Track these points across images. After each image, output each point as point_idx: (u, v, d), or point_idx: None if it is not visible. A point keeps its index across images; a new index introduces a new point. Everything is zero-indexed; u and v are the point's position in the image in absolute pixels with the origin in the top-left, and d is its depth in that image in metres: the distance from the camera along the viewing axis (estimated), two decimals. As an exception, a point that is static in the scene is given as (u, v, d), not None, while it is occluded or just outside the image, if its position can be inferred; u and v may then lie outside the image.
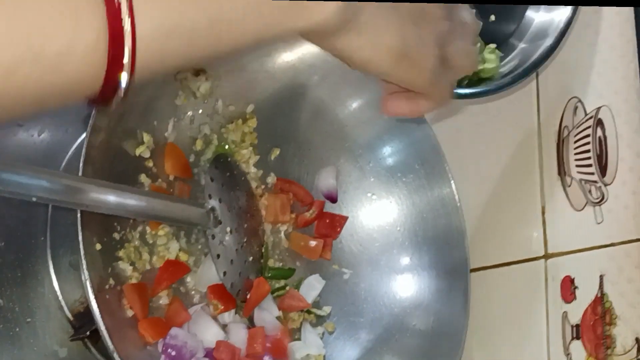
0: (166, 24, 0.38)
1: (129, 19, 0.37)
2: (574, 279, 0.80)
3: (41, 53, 0.35)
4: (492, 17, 0.85)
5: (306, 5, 0.44)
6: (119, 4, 0.36)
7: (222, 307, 0.74)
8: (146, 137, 0.73)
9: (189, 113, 0.78)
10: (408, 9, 0.51)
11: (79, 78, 0.37)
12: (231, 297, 0.74)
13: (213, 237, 0.72)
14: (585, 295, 0.79)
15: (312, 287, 0.82)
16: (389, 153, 0.85)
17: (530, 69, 0.81)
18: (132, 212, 0.63)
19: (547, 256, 0.83)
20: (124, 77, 0.38)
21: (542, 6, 0.83)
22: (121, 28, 0.37)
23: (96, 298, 0.62)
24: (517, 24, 0.86)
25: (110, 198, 0.60)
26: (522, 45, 0.85)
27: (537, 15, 0.85)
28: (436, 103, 0.57)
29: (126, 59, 0.37)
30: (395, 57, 0.50)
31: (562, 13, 0.82)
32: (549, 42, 0.82)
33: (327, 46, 0.48)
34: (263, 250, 0.80)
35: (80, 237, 0.59)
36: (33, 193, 0.54)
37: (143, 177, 0.73)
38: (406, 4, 0.50)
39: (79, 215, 0.60)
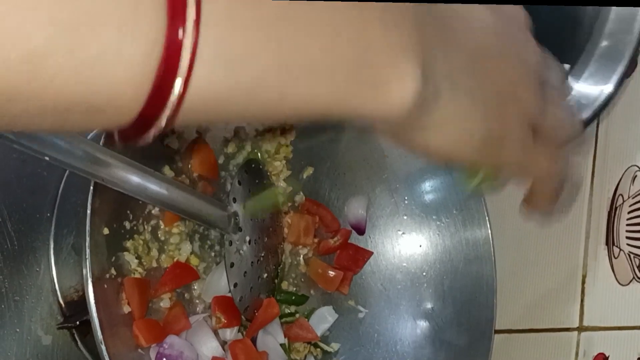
0: (234, 54, 0.30)
1: (193, 34, 0.28)
2: (608, 357, 0.74)
3: (82, 44, 0.27)
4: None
5: (385, 80, 0.35)
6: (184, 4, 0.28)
7: (225, 321, 0.68)
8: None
9: (226, 112, 0.73)
10: (497, 88, 0.43)
11: (116, 92, 0.28)
12: (237, 313, 0.69)
13: (230, 243, 0.66)
14: (619, 376, 0.73)
15: (323, 320, 0.77)
16: (427, 191, 0.80)
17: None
18: (151, 197, 0.58)
19: (581, 329, 0.76)
20: (171, 102, 0.29)
21: (585, 77, 0.76)
22: (180, 41, 0.28)
23: (93, 285, 0.57)
24: None
25: (132, 177, 0.55)
26: None
27: (577, 86, 0.77)
28: (547, 182, 0.51)
29: (179, 82, 0.29)
30: (480, 149, 0.43)
31: (606, 88, 0.72)
32: (584, 116, 0.71)
33: (398, 141, 0.41)
34: (279, 270, 0.74)
35: (88, 212, 0.54)
36: (47, 151, 0.49)
37: (167, 169, 0.69)
38: (495, 82, 0.43)
39: (91, 189, 0.55)
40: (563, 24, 0.70)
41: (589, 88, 0.70)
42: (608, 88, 0.69)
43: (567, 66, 0.69)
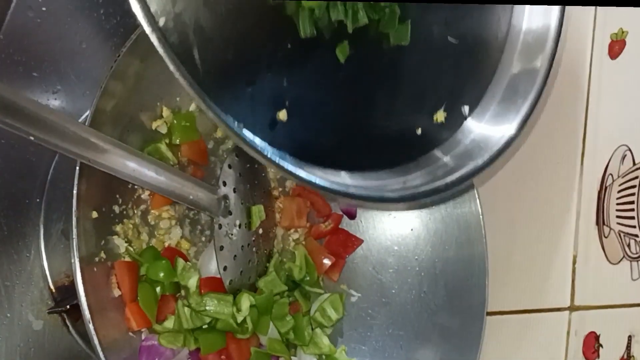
0: None
1: None
2: (599, 336, 0.74)
3: None
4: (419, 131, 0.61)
5: None
6: None
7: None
8: (165, 112, 0.69)
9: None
10: None
11: None
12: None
13: (220, 227, 0.66)
14: (610, 355, 0.72)
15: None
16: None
17: (432, 192, 0.59)
18: (138, 179, 0.58)
19: (572, 308, 0.76)
20: None
21: (487, 118, 0.63)
22: None
23: (82, 269, 0.57)
24: (450, 134, 0.63)
25: (119, 159, 0.55)
26: (446, 159, 0.63)
27: (477, 128, 0.64)
28: None
29: None
30: None
31: (507, 129, 0.62)
32: (479, 161, 0.61)
33: None
34: (272, 254, 0.74)
35: (75, 194, 0.54)
36: (32, 130, 0.49)
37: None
38: None
39: (77, 170, 0.55)
40: (469, 55, 0.63)
41: (490, 130, 0.62)
42: (510, 130, 0.61)
43: (466, 108, 0.63)
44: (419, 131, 0.60)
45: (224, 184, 0.67)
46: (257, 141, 0.50)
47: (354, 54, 0.57)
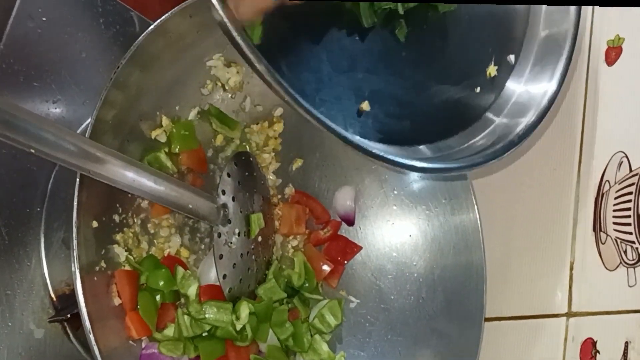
0: None
1: None
2: (596, 342, 0.74)
3: None
4: (477, 89, 0.68)
5: None
6: None
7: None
8: (165, 121, 0.69)
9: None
10: None
11: None
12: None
13: (219, 235, 0.67)
14: (607, 361, 0.73)
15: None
16: (416, 180, 0.80)
17: (508, 147, 0.65)
18: (139, 189, 0.58)
19: (569, 314, 0.77)
20: None
21: (525, 79, 0.70)
22: None
23: (83, 278, 0.57)
24: (496, 96, 0.70)
25: (120, 170, 0.56)
26: (500, 120, 0.69)
27: (518, 88, 0.70)
28: None
29: None
30: None
31: (546, 87, 0.68)
32: (530, 118, 0.67)
33: None
34: (271, 262, 0.75)
35: (75, 204, 0.55)
36: (33, 144, 0.49)
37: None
38: None
39: (77, 181, 0.55)
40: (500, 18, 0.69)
41: (530, 89, 0.68)
42: (552, 86, 0.67)
43: (512, 57, 0.68)
44: (477, 89, 0.67)
45: (223, 192, 0.68)
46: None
47: (410, 31, 0.61)
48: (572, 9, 0.68)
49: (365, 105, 0.58)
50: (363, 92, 0.59)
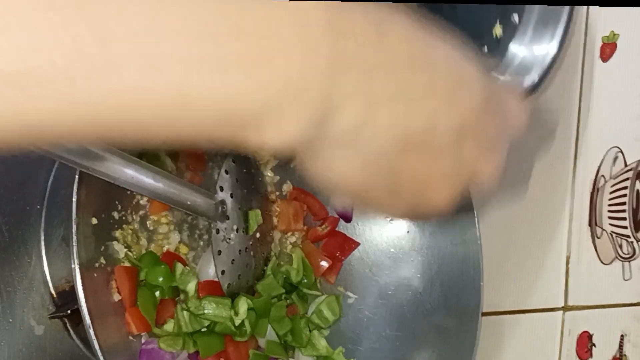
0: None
1: None
2: (592, 335, 0.75)
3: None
4: (485, 49, 0.75)
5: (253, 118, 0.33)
6: None
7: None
8: (163, 119, 0.69)
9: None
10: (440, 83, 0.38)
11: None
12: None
13: (218, 231, 0.67)
14: (603, 354, 0.73)
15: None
16: (413, 177, 0.80)
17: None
18: (137, 186, 0.59)
19: (566, 308, 0.78)
20: None
21: (526, 41, 0.75)
22: None
23: (82, 275, 0.58)
24: (501, 56, 0.77)
25: (118, 166, 0.56)
26: (504, 77, 0.75)
27: (520, 50, 0.75)
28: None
29: None
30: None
31: (547, 48, 0.74)
32: (533, 77, 0.73)
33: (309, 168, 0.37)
34: (269, 257, 0.75)
35: (74, 201, 0.55)
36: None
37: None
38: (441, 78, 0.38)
39: (76, 178, 0.56)
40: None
41: (533, 50, 0.73)
42: (552, 48, 0.71)
43: (515, 16, 0.72)
44: (485, 49, 0.72)
45: (221, 189, 0.68)
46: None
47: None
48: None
49: None
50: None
